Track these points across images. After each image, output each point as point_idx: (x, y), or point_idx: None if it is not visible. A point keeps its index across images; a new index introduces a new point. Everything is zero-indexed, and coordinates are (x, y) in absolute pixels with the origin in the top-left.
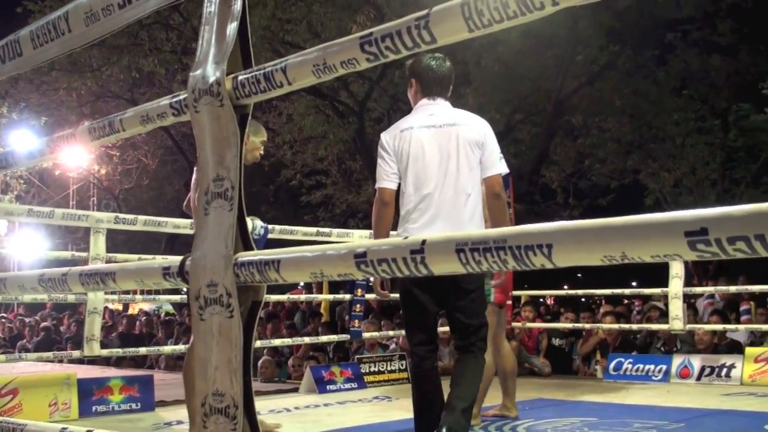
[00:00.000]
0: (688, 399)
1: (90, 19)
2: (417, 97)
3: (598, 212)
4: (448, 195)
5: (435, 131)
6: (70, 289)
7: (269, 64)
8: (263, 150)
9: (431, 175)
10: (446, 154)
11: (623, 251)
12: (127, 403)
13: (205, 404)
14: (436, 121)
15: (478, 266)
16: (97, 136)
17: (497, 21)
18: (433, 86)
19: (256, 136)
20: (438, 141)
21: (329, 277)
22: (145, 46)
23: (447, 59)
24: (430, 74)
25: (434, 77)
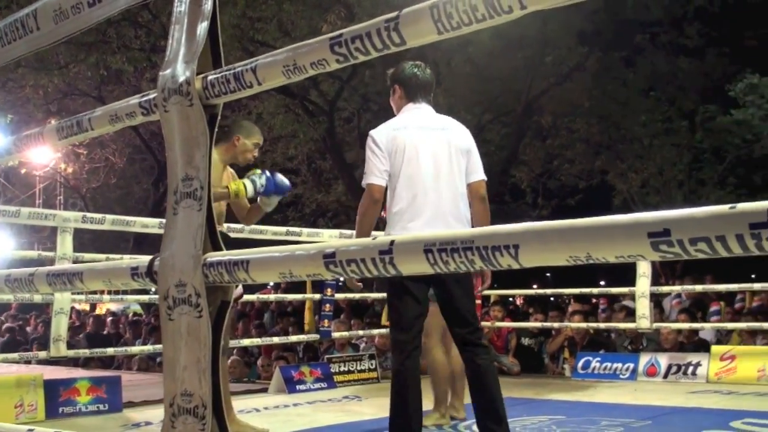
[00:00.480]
0: (654, 397)
1: (59, 17)
2: (401, 102)
3: (567, 212)
4: (445, 196)
5: (428, 133)
6: (37, 289)
7: (239, 64)
8: (257, 152)
9: (426, 176)
10: (440, 156)
11: (588, 252)
12: (95, 404)
13: (174, 404)
14: (428, 124)
15: (446, 266)
16: (65, 135)
17: (466, 24)
18: (418, 92)
19: (248, 138)
20: (432, 143)
21: (298, 277)
22: (113, 44)
23: (428, 67)
24: (414, 80)
25: (418, 83)
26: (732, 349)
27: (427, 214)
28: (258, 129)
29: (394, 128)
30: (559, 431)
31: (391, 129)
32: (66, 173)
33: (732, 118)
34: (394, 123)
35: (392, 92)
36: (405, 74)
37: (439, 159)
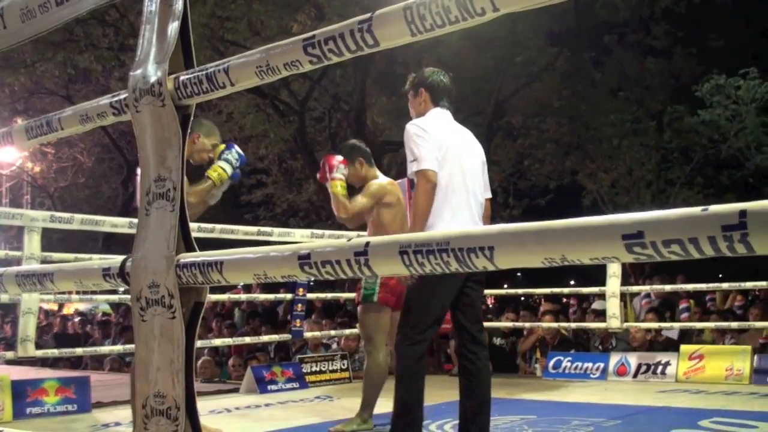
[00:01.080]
0: (624, 396)
1: (26, 16)
2: (425, 106)
3: (538, 212)
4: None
5: (462, 139)
6: (6, 290)
7: (212, 64)
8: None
9: (465, 182)
10: (475, 166)
11: (563, 254)
12: (63, 404)
13: (147, 406)
14: (461, 131)
15: (421, 268)
16: (35, 135)
17: (439, 25)
18: (444, 97)
19: (207, 138)
20: (466, 149)
21: (273, 278)
22: (80, 42)
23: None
24: (442, 86)
25: (445, 89)
26: (700, 349)
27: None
28: (217, 130)
29: (437, 123)
30: (530, 431)
31: (435, 123)
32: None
33: (699, 119)
34: (433, 120)
35: (414, 95)
36: (433, 79)
37: (472, 167)
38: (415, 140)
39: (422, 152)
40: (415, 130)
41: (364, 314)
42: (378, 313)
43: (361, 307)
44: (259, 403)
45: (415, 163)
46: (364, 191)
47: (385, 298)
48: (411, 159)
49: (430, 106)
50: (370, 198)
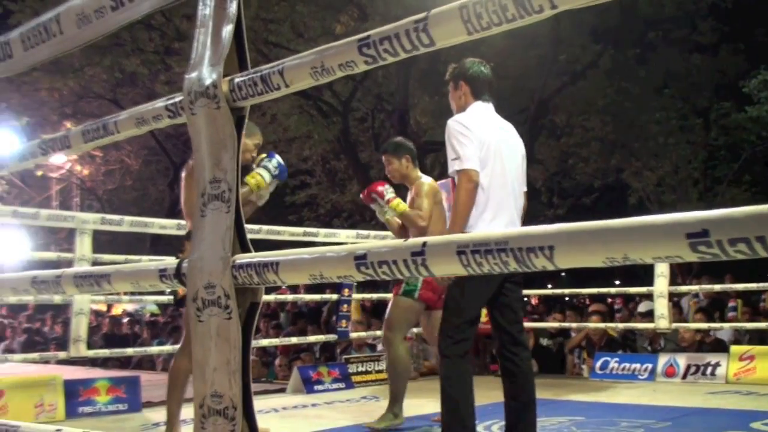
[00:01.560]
0: (673, 397)
1: (82, 21)
2: (466, 100)
3: (582, 211)
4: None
5: (506, 135)
6: (64, 291)
7: (266, 66)
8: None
9: (507, 180)
10: (515, 161)
11: (625, 253)
12: (114, 404)
13: (204, 405)
14: (504, 125)
15: (479, 268)
16: (91, 138)
17: (496, 24)
18: (485, 90)
19: (249, 138)
20: (509, 146)
21: (329, 279)
22: (127, 47)
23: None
24: (483, 78)
25: (486, 80)
26: (751, 349)
27: (506, 219)
28: (259, 130)
29: (480, 120)
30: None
31: (478, 120)
32: (82, 175)
33: (746, 115)
34: (476, 115)
35: (455, 88)
36: (473, 71)
37: (514, 165)
38: (458, 138)
39: (465, 151)
40: (457, 127)
41: (397, 304)
42: (411, 307)
43: (397, 298)
44: (306, 403)
45: (458, 162)
46: (417, 193)
47: (426, 296)
48: (453, 157)
49: (470, 100)
50: (429, 198)
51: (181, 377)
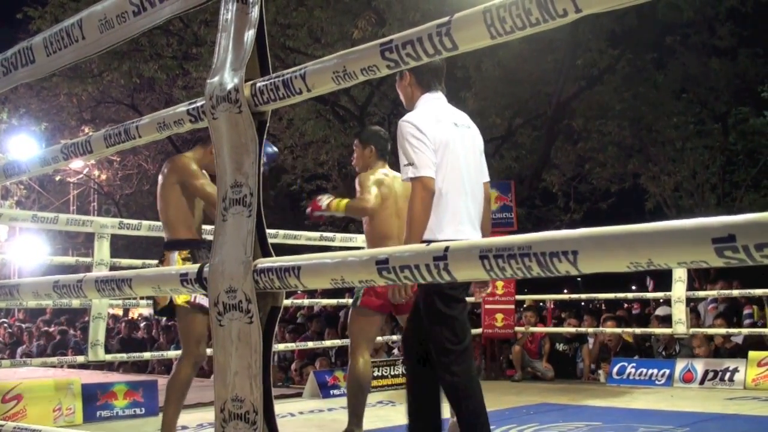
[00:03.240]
0: (691, 403)
1: (104, 27)
2: (413, 91)
3: (599, 216)
4: (477, 200)
5: (461, 131)
6: (86, 295)
7: (288, 71)
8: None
9: (465, 179)
10: (472, 157)
11: (650, 258)
12: (132, 408)
13: (225, 409)
14: (458, 120)
15: (501, 273)
16: (113, 142)
17: (519, 28)
18: (433, 79)
19: None
20: (464, 142)
21: (350, 283)
22: (145, 52)
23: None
24: (429, 66)
25: (433, 69)
26: None
27: (467, 223)
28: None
29: (435, 120)
30: None
31: (432, 120)
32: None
33: (765, 120)
34: (430, 114)
35: (399, 78)
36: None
37: (472, 161)
38: (410, 141)
39: (419, 157)
40: (409, 129)
41: (350, 319)
42: (361, 318)
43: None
44: (322, 408)
45: (411, 169)
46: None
47: (368, 302)
48: (405, 163)
49: (417, 92)
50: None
51: (182, 385)
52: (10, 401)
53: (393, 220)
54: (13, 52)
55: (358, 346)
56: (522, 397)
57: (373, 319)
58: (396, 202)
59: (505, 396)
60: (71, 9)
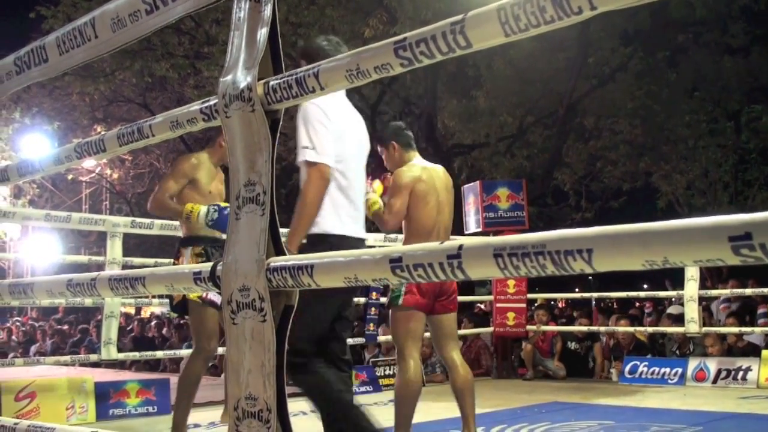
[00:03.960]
0: (704, 402)
1: (117, 26)
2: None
3: (611, 215)
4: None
5: (353, 119)
6: (99, 294)
7: (301, 69)
8: None
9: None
10: (363, 152)
11: (665, 256)
12: (144, 406)
13: (238, 408)
14: (354, 116)
15: (516, 271)
16: (126, 141)
17: (534, 25)
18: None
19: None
20: (358, 137)
21: (363, 282)
22: (157, 51)
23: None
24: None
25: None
26: None
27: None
28: None
29: (337, 109)
30: None
31: (335, 108)
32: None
33: None
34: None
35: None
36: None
37: (362, 158)
38: (314, 125)
39: (322, 142)
40: (316, 113)
41: (392, 320)
42: (406, 316)
43: (390, 312)
44: None
45: (310, 152)
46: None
47: (411, 300)
48: (304, 144)
49: None
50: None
51: (193, 380)
52: (23, 399)
53: (435, 215)
54: (27, 51)
55: (406, 347)
56: (534, 396)
57: (418, 316)
58: (438, 196)
59: (516, 395)
60: (83, 8)
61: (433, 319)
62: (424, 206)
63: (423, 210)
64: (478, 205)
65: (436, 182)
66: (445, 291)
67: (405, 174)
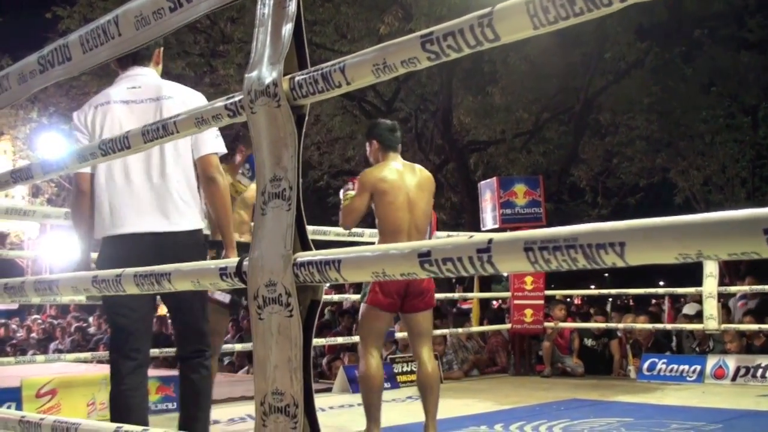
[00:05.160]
0: (723, 400)
1: (140, 23)
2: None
3: (627, 211)
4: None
5: (135, 108)
6: (124, 290)
7: (327, 64)
8: None
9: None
10: None
11: (699, 249)
12: (164, 402)
13: (265, 403)
14: (136, 96)
15: (546, 265)
16: (150, 138)
17: (563, 18)
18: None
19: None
20: (138, 120)
21: (391, 276)
22: (173, 50)
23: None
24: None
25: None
26: None
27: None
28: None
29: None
30: None
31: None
32: None
33: None
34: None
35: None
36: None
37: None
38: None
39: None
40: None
41: (360, 315)
42: (370, 315)
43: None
44: (352, 403)
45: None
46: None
47: (374, 300)
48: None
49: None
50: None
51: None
52: (44, 396)
53: (402, 215)
54: (50, 50)
55: (365, 343)
56: (552, 393)
57: (380, 315)
58: (408, 195)
59: (535, 392)
60: (99, 8)
61: (405, 318)
62: (389, 205)
63: (388, 209)
64: (495, 202)
65: (406, 181)
66: (414, 291)
67: (368, 174)
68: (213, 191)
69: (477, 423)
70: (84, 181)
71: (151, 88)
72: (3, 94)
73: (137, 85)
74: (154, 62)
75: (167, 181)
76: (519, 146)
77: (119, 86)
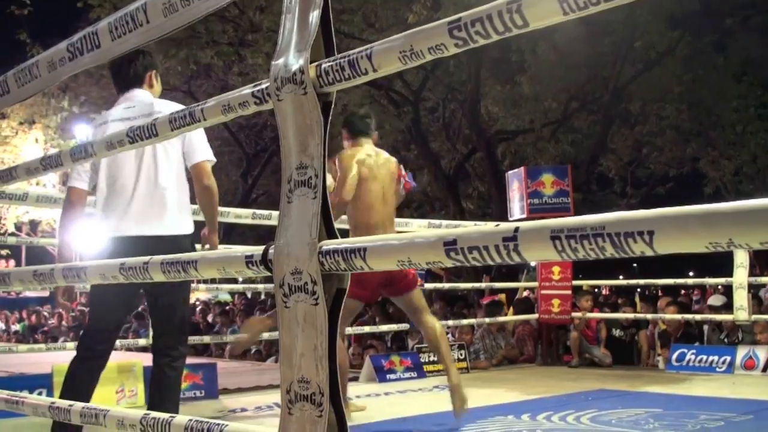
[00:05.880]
0: (754, 391)
1: (168, 10)
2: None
3: (657, 201)
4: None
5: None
6: (151, 277)
7: (354, 51)
8: None
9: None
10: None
11: (730, 237)
12: (192, 390)
13: (291, 391)
14: (131, 114)
15: (573, 254)
16: (178, 125)
17: (593, 3)
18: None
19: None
20: None
21: (417, 265)
22: (202, 39)
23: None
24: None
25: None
26: None
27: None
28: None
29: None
30: (656, 424)
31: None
32: None
33: None
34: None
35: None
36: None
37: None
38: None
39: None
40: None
41: None
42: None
43: None
44: (378, 392)
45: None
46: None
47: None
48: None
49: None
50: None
51: None
52: None
53: (376, 205)
54: (79, 38)
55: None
56: (580, 384)
57: (352, 303)
58: (383, 185)
59: (562, 382)
60: None
61: (398, 301)
62: (367, 192)
63: (366, 197)
64: (523, 192)
65: (381, 170)
66: (396, 277)
67: (347, 154)
68: (208, 197)
69: (504, 412)
70: (74, 194)
71: (145, 105)
72: (33, 82)
73: (132, 104)
74: (148, 84)
75: (161, 188)
76: (547, 136)
77: (117, 107)
